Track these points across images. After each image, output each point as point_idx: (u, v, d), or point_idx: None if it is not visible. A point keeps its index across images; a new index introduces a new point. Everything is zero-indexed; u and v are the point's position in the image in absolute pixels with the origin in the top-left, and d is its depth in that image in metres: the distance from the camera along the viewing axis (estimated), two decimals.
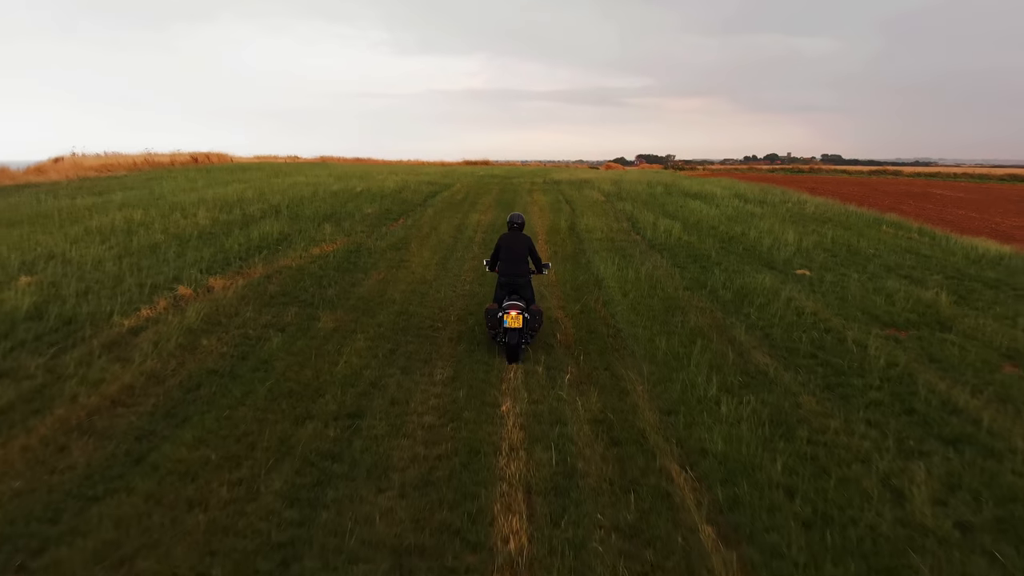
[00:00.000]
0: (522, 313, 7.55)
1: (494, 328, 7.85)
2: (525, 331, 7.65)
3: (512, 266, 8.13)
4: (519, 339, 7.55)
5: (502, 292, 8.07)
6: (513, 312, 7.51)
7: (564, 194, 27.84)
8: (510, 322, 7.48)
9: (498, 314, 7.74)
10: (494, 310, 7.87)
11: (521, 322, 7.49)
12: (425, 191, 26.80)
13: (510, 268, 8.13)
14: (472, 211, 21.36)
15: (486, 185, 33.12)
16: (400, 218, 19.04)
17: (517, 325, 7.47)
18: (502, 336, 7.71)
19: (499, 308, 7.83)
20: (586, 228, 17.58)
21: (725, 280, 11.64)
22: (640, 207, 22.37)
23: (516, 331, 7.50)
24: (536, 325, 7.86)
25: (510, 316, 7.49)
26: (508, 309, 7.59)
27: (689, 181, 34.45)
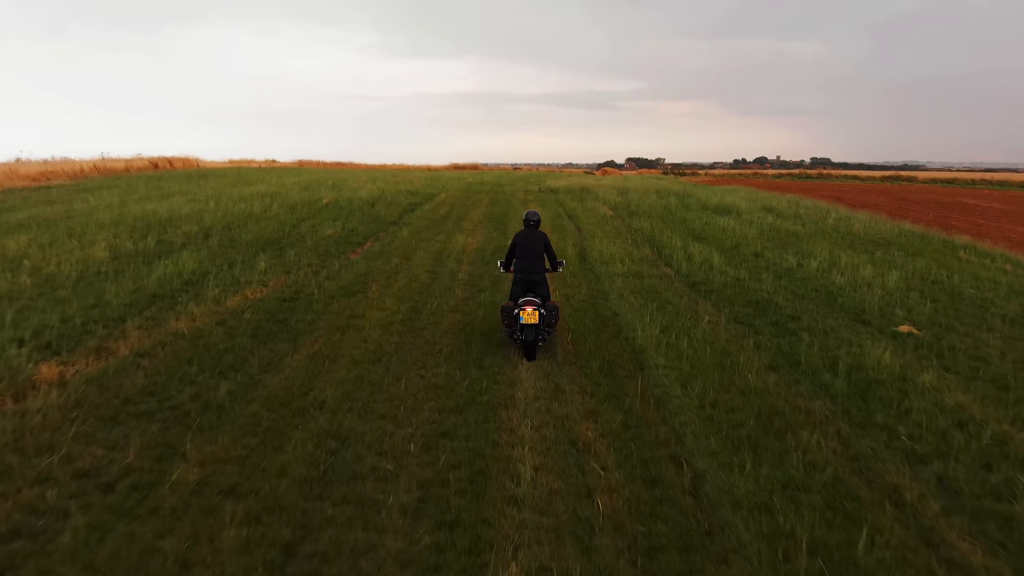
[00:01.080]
0: (538, 309, 7.53)
1: (511, 325, 7.74)
2: (542, 327, 7.61)
3: (528, 263, 8.09)
4: (536, 335, 7.54)
5: (518, 289, 8.03)
6: (529, 308, 7.50)
7: (565, 207, 24.15)
8: (526, 318, 7.47)
9: (514, 311, 7.66)
10: (510, 307, 7.81)
11: (538, 318, 7.48)
12: (403, 203, 23.02)
13: (526, 265, 8.09)
14: (457, 231, 17.62)
15: (475, 195, 29.41)
16: (367, 242, 15.27)
17: (534, 321, 7.47)
18: (519, 333, 7.61)
19: (515, 305, 7.75)
20: (600, 257, 13.87)
21: (821, 351, 7.97)
22: (659, 225, 18.70)
23: (533, 327, 7.49)
24: (553, 321, 7.85)
25: (526, 312, 7.48)
26: (524, 305, 7.57)
27: (703, 191, 30.86)
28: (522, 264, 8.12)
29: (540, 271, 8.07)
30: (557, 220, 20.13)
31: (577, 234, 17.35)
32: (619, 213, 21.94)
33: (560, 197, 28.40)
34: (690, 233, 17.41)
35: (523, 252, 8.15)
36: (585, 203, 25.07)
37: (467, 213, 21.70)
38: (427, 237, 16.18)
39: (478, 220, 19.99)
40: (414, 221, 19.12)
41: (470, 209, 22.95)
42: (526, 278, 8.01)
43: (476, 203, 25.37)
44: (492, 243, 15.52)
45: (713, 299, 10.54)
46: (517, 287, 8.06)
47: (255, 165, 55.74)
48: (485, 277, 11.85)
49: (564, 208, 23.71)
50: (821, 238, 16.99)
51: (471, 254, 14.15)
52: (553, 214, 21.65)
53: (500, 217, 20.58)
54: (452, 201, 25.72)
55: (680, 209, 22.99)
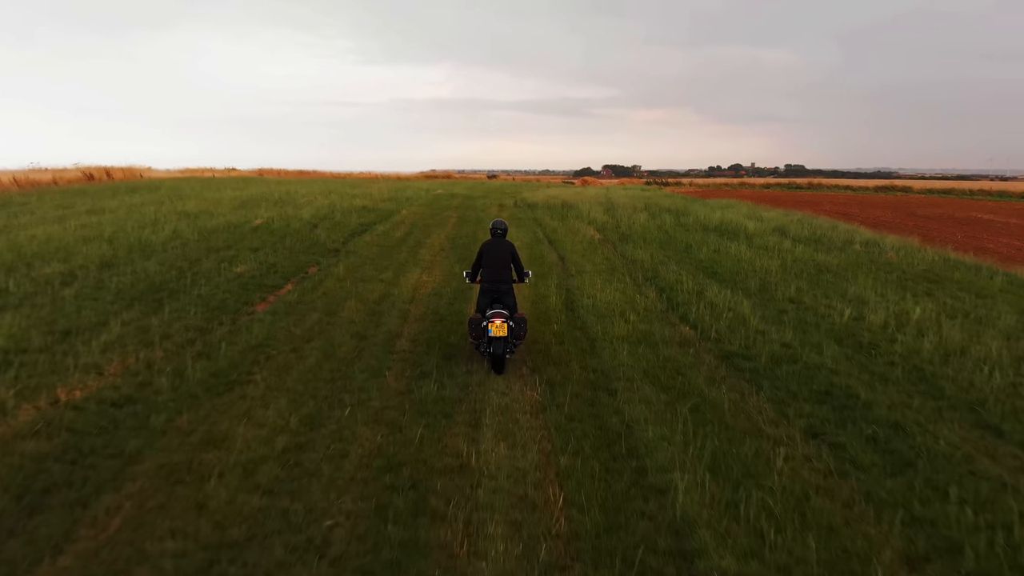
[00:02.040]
0: (507, 321, 7.44)
1: (478, 338, 7.54)
2: (510, 339, 7.49)
3: (495, 273, 7.90)
4: (504, 348, 7.42)
5: (485, 300, 7.88)
6: (498, 321, 7.39)
7: (544, 227, 20.76)
8: (495, 331, 7.35)
9: (482, 323, 7.47)
10: (478, 319, 7.56)
11: (506, 330, 7.38)
12: (353, 224, 19.43)
13: (493, 275, 7.90)
14: (411, 263, 14.10)
15: (441, 211, 25.92)
16: (287, 283, 11.71)
17: (502, 334, 7.37)
18: (486, 346, 7.50)
19: (483, 317, 7.57)
20: (594, 308, 10.44)
21: (986, 527, 4.63)
22: (660, 254, 15.37)
23: (501, 340, 7.38)
24: (521, 333, 7.60)
25: (495, 325, 7.36)
26: (492, 318, 7.44)
27: (698, 206, 27.70)
28: (488, 274, 7.96)
29: (507, 281, 7.95)
30: (536, 247, 16.70)
31: (560, 268, 13.92)
32: (608, 236, 18.58)
33: (538, 214, 25.00)
34: (699, 266, 14.09)
35: (489, 262, 7.98)
36: (568, 222, 21.69)
37: (427, 237, 18.18)
38: (369, 275, 12.63)
39: (439, 247, 16.49)
40: (360, 249, 15.54)
41: (432, 231, 19.43)
42: (493, 288, 7.89)
43: (441, 222, 21.86)
44: (454, 283, 12.05)
45: (766, 388, 7.17)
46: (484, 297, 7.93)
47: (209, 175, 51.76)
48: (439, 344, 8.39)
49: (543, 229, 20.30)
50: (859, 272, 13.78)
51: (423, 301, 10.65)
52: (531, 238, 18.21)
53: (467, 242, 17.12)
54: (413, 220, 22.18)
55: (678, 230, 19.72)
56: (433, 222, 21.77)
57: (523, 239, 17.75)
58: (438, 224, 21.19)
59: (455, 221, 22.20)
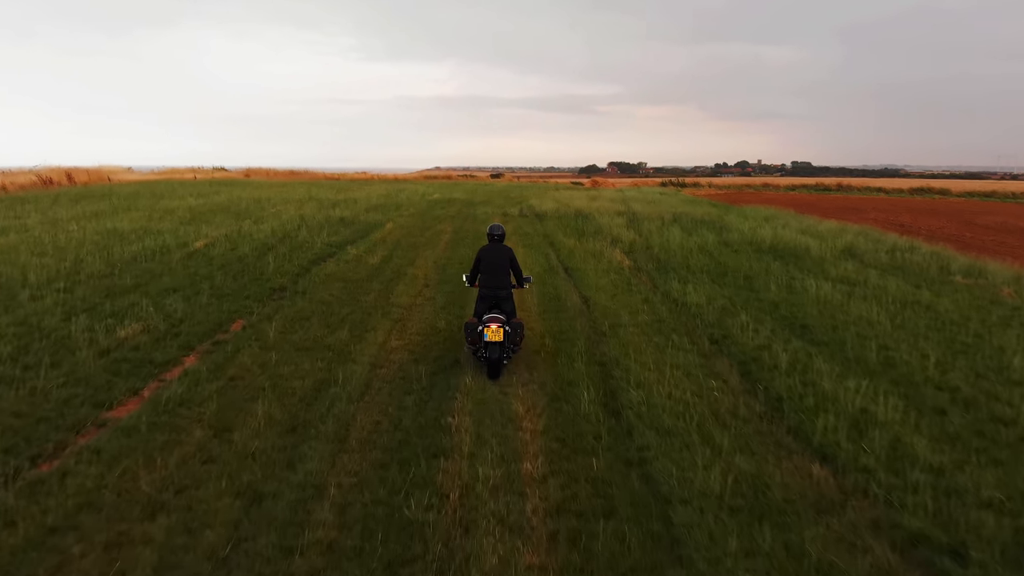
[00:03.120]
0: (503, 326, 7.26)
1: (474, 343, 7.45)
2: (507, 345, 7.35)
3: (493, 279, 7.75)
4: (500, 354, 7.24)
5: (483, 306, 7.71)
6: (494, 325, 7.20)
7: (557, 247, 16.90)
8: (491, 336, 7.17)
9: (478, 328, 7.38)
10: (474, 324, 7.51)
11: (502, 336, 7.19)
12: (320, 245, 15.59)
13: (491, 281, 7.75)
14: (380, 311, 10.26)
15: (434, 222, 22.08)
16: (188, 355, 7.89)
17: (498, 339, 7.17)
18: (483, 351, 7.31)
19: (479, 322, 7.45)
20: (650, 412, 6.53)
21: None
22: (716, 294, 11.52)
23: (497, 345, 7.19)
24: (518, 339, 7.52)
25: (491, 330, 7.19)
26: (488, 323, 7.27)
27: (734, 217, 23.76)
28: (487, 279, 7.79)
29: (506, 287, 7.77)
30: (549, 280, 12.84)
31: (586, 319, 10.07)
32: (640, 262, 14.71)
33: (549, 228, 21.11)
34: (776, 314, 10.24)
35: (487, 267, 7.80)
36: (586, 241, 17.80)
37: (411, 264, 14.33)
38: (311, 338, 8.78)
39: (424, 281, 12.65)
40: (315, 287, 11.70)
41: (419, 255, 15.57)
42: (491, 294, 7.70)
43: (431, 240, 18.02)
44: (437, 349, 8.25)
45: None
46: (482, 303, 7.75)
47: (190, 176, 48.05)
48: (395, 540, 4.57)
49: (557, 251, 16.44)
50: (992, 324, 9.96)
51: (382, 399, 6.81)
52: (542, 266, 14.34)
53: (458, 271, 13.33)
54: (398, 237, 18.34)
55: (726, 252, 15.85)
56: (422, 240, 17.92)
57: (533, 266, 13.92)
58: (427, 243, 17.33)
59: (449, 239, 18.35)
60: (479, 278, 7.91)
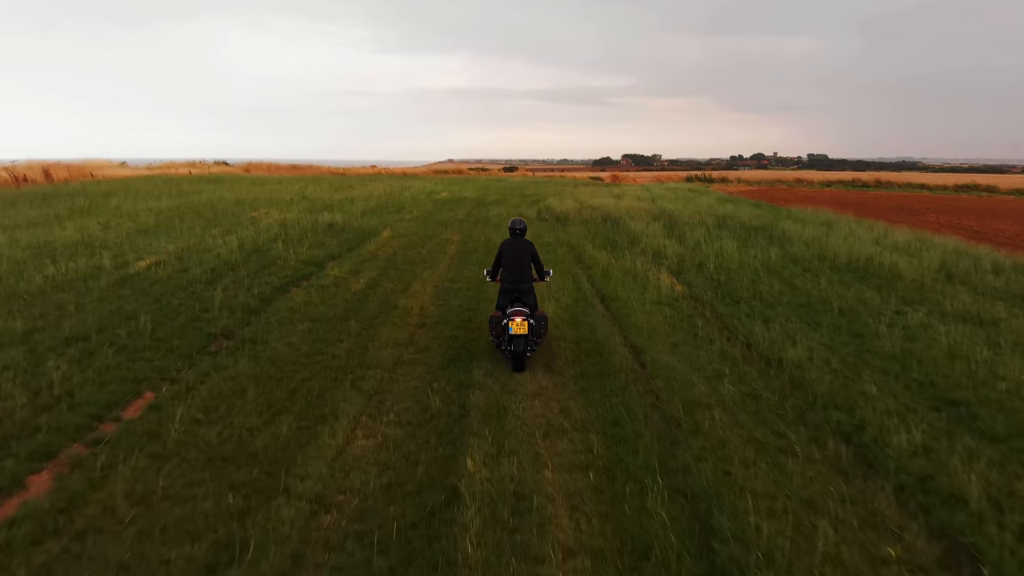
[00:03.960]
0: (527, 319, 7.25)
1: (498, 336, 7.47)
2: (531, 337, 7.36)
3: (515, 273, 7.78)
4: (524, 346, 7.26)
5: (505, 299, 7.73)
6: (518, 319, 7.20)
7: (586, 264, 13.81)
8: (515, 329, 7.18)
9: (503, 321, 7.38)
10: (498, 318, 7.52)
11: (527, 328, 7.20)
12: (293, 264, 12.60)
13: (513, 275, 7.78)
14: (354, 373, 7.26)
15: (439, 229, 19.05)
16: (29, 478, 4.94)
17: (523, 332, 7.19)
18: (507, 344, 7.33)
19: (503, 316, 7.45)
20: None
21: None
22: (814, 342, 8.40)
23: (521, 338, 7.22)
24: (541, 331, 7.54)
25: (515, 323, 7.19)
26: (513, 316, 7.26)
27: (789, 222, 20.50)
28: (508, 274, 7.80)
29: (527, 280, 7.79)
30: (583, 316, 9.78)
31: (644, 391, 6.98)
32: (697, 289, 11.60)
33: (573, 236, 18.02)
34: (909, 379, 7.14)
35: (509, 262, 7.83)
36: (621, 255, 14.71)
37: (405, 291, 11.31)
38: (240, 432, 5.82)
39: (418, 318, 9.63)
40: (270, 330, 8.71)
41: (416, 275, 12.56)
42: (513, 287, 7.73)
43: (433, 254, 14.99)
44: (430, 455, 5.29)
45: None
46: (504, 297, 7.75)
47: (185, 172, 45.31)
48: None
49: (586, 268, 13.37)
50: None
51: None
52: (571, 293, 11.24)
53: (471, 303, 10.32)
54: (395, 248, 15.34)
55: (798, 273, 12.72)
56: (422, 253, 14.91)
57: (559, 294, 10.89)
58: (428, 259, 14.32)
59: (455, 252, 15.33)
60: (501, 272, 7.91)
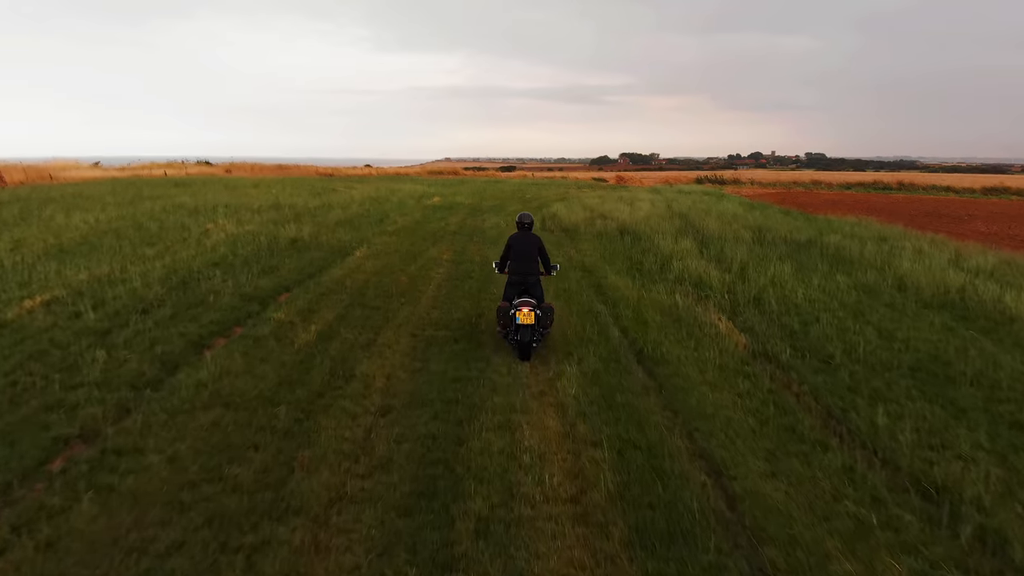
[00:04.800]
0: (534, 310, 7.44)
1: (506, 326, 7.65)
2: (537, 328, 7.50)
3: (522, 265, 7.99)
4: (531, 336, 7.44)
5: (512, 291, 7.95)
6: (525, 309, 7.41)
7: (610, 298, 10.79)
8: (522, 319, 7.37)
9: (510, 312, 7.55)
10: (505, 308, 7.67)
11: (533, 319, 7.39)
12: (224, 303, 9.61)
13: (520, 267, 7.99)
14: (259, 534, 4.34)
15: (426, 245, 16.04)
16: None
17: (530, 322, 7.37)
18: (514, 334, 7.53)
19: (511, 306, 7.63)
20: None
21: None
22: (982, 457, 5.46)
23: (529, 328, 7.39)
24: (548, 322, 7.71)
25: (522, 313, 7.39)
26: (520, 306, 7.48)
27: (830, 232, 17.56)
28: (516, 266, 8.02)
29: (534, 273, 8.00)
30: (612, 378, 6.83)
31: (747, 565, 4.09)
32: (761, 338, 8.62)
33: (587, 256, 15.04)
34: None
35: (517, 255, 8.04)
36: (651, 283, 11.74)
37: (368, 348, 8.27)
38: None
39: (380, 404, 6.68)
40: (156, 428, 5.79)
41: (390, 317, 9.56)
42: (521, 280, 7.94)
43: (415, 283, 11.97)
44: None
45: None
46: (511, 288, 7.98)
47: (160, 173, 42.31)
48: None
49: (610, 304, 10.39)
50: None
51: None
52: (593, 339, 8.27)
53: (463, 367, 7.40)
54: (367, 274, 12.36)
55: (884, 314, 9.79)
56: (400, 282, 11.92)
57: (581, 349, 7.98)
58: (408, 289, 11.35)
59: (444, 276, 12.37)
60: (509, 265, 8.07)
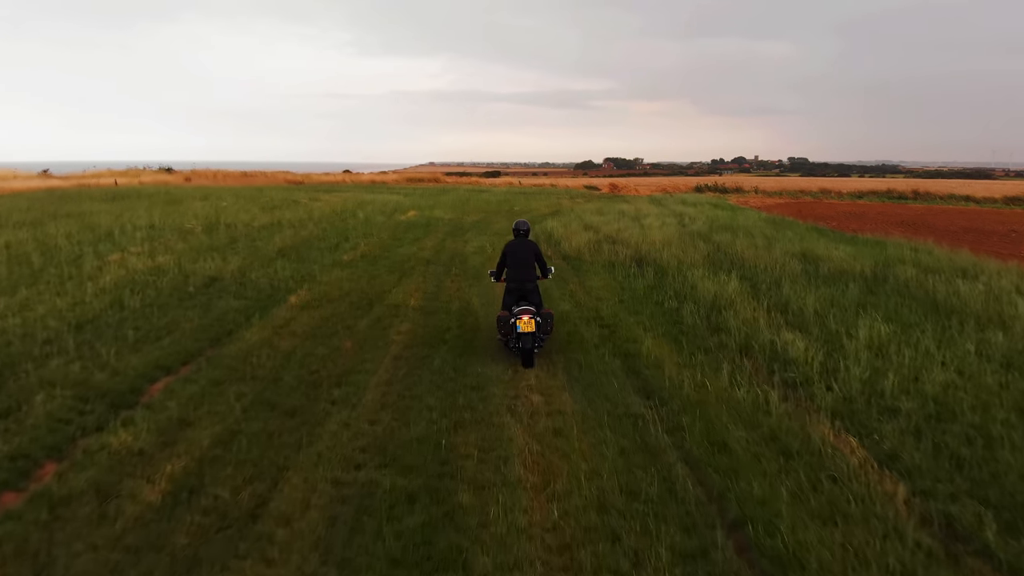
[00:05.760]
0: (534, 317, 7.51)
1: (507, 335, 7.67)
2: (538, 335, 7.58)
3: (520, 272, 8.03)
4: (533, 343, 7.51)
5: (511, 298, 7.99)
6: (525, 317, 7.48)
7: (649, 383, 7.26)
8: (523, 327, 7.44)
9: (511, 320, 7.59)
10: (505, 317, 7.70)
11: (534, 326, 7.46)
12: (38, 420, 5.97)
13: (518, 274, 8.03)
14: None
15: (392, 275, 12.41)
16: None
17: (531, 329, 7.45)
18: (515, 341, 7.59)
19: (511, 314, 7.68)
20: None
21: None
22: None
23: (530, 335, 7.47)
24: (548, 328, 7.79)
25: (523, 321, 7.46)
26: (520, 314, 7.53)
27: (908, 269, 14.01)
28: (514, 273, 8.04)
29: (532, 279, 8.03)
30: None
31: None
32: (932, 493, 5.14)
33: (601, 299, 11.38)
34: None
35: (514, 261, 8.07)
36: (703, 352, 8.23)
37: (262, 507, 4.74)
38: None
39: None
40: None
41: (315, 427, 6.00)
42: (519, 287, 7.98)
43: (367, 350, 8.30)
44: None
45: None
46: (510, 296, 8.02)
47: (109, 181, 38.33)
48: None
49: (655, 399, 6.84)
50: None
51: None
52: (661, 510, 4.80)
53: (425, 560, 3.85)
54: (300, 335, 8.70)
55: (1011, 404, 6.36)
56: (342, 353, 8.20)
57: (636, 544, 4.49)
58: (348, 371, 7.62)
59: (404, 341, 8.74)
60: (506, 272, 8.10)
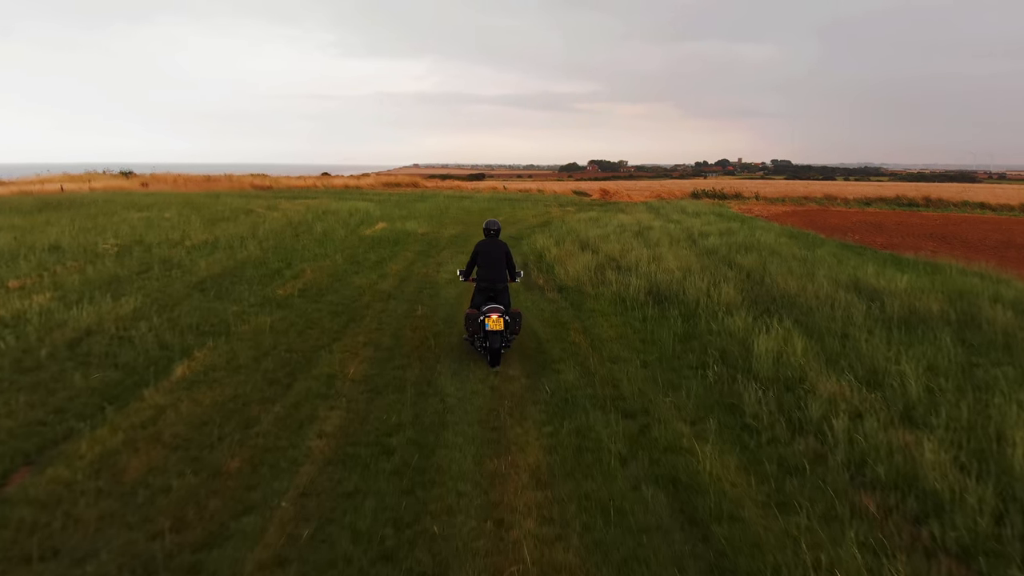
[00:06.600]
0: (503, 316, 7.48)
1: (474, 333, 7.68)
2: (506, 334, 7.58)
3: (491, 272, 8.00)
4: (500, 343, 7.49)
5: (480, 298, 7.98)
6: (494, 316, 7.44)
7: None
8: (492, 325, 7.40)
9: (479, 319, 7.57)
10: (474, 314, 7.70)
11: (503, 325, 7.43)
12: None
13: (489, 274, 8.01)
14: None
15: (339, 319, 9.27)
16: None
17: (499, 328, 7.40)
18: (482, 340, 7.59)
19: (480, 313, 7.65)
20: None
21: None
22: None
23: (498, 334, 7.44)
24: (516, 327, 7.76)
25: (491, 319, 7.42)
26: (489, 313, 7.50)
27: (984, 304, 11.08)
28: (485, 273, 8.03)
29: (503, 280, 8.01)
30: None
31: None
32: None
33: (615, 360, 8.28)
34: None
35: (485, 261, 8.04)
36: (788, 473, 5.34)
37: None
38: None
39: None
40: None
41: None
42: (489, 287, 7.95)
43: (273, 474, 5.39)
44: None
45: None
46: (480, 295, 8.00)
47: (56, 186, 34.83)
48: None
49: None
50: None
51: None
52: None
53: None
54: (168, 446, 5.70)
55: None
56: (218, 495, 5.27)
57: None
58: (218, 534, 4.71)
59: (327, 455, 5.77)
60: (477, 271, 8.12)
